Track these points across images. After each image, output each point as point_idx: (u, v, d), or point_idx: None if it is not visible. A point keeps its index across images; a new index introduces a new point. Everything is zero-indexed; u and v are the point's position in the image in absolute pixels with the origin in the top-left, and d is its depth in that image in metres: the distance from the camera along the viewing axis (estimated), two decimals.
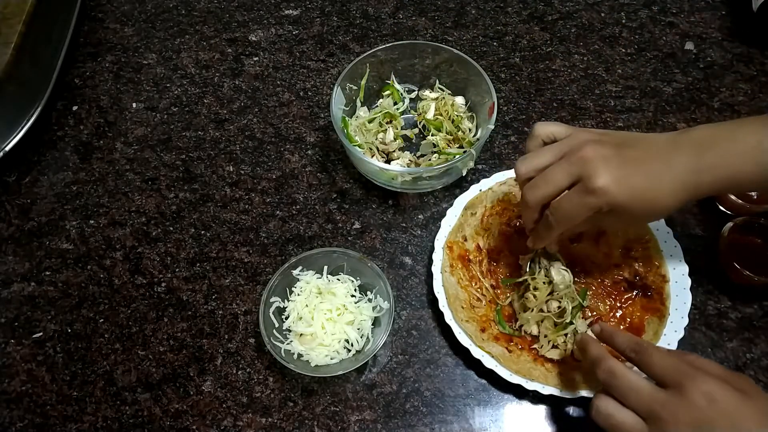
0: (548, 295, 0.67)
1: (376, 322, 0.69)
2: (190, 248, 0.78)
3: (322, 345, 0.67)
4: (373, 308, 0.69)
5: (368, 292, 0.70)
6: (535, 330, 0.68)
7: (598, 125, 0.84)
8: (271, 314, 0.67)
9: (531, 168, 0.60)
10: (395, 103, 0.84)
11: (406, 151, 0.82)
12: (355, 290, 0.70)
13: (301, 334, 0.67)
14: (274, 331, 0.67)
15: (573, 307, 0.67)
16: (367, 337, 0.67)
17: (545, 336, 0.67)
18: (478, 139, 0.77)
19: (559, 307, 0.67)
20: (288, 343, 0.67)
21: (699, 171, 0.57)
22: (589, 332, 0.62)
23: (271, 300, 0.68)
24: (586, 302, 0.69)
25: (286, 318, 0.68)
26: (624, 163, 0.57)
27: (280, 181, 0.82)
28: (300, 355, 0.67)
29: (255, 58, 0.93)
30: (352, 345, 0.67)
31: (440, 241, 0.73)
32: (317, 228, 0.78)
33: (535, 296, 0.67)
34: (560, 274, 0.68)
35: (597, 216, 0.58)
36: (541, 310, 0.68)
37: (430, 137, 0.81)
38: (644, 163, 0.57)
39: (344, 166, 0.83)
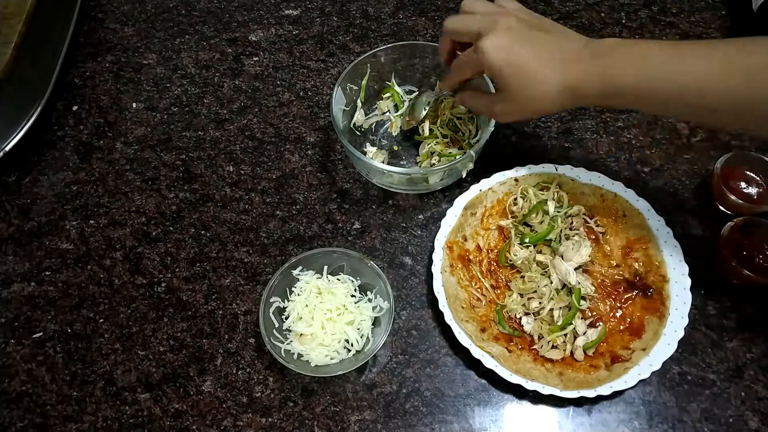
0: (533, 292, 0.70)
1: (376, 322, 0.69)
2: (190, 248, 0.78)
3: (322, 345, 0.67)
4: (373, 308, 0.69)
5: (368, 292, 0.70)
6: (519, 313, 0.69)
7: (598, 125, 0.84)
8: (271, 314, 0.67)
9: (458, 18, 0.67)
10: (395, 105, 0.84)
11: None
12: (355, 290, 0.70)
13: (301, 334, 0.67)
14: (274, 331, 0.67)
15: (563, 308, 0.68)
16: (367, 337, 0.67)
17: (542, 337, 0.68)
18: (478, 141, 0.77)
19: (551, 310, 0.68)
20: (288, 343, 0.67)
21: (588, 73, 0.60)
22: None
23: (271, 300, 0.68)
24: (585, 304, 0.69)
25: (286, 318, 0.68)
26: (521, 37, 0.61)
27: (280, 181, 0.82)
28: (300, 355, 0.67)
29: (255, 58, 0.93)
30: (352, 345, 0.67)
31: (440, 241, 0.73)
32: (317, 228, 0.78)
33: (523, 279, 0.70)
34: (553, 276, 0.69)
35: (491, 95, 0.65)
36: (538, 313, 0.69)
37: (428, 147, 0.80)
38: (541, 45, 0.61)
39: (344, 166, 0.83)
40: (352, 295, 0.70)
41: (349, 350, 0.68)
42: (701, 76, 0.56)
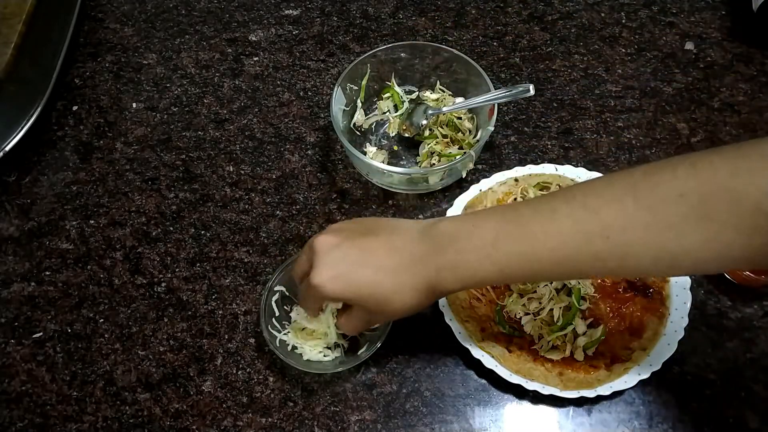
0: (533, 292, 0.69)
1: None
2: (190, 248, 0.78)
3: (319, 340, 0.67)
4: None
5: None
6: (519, 313, 0.69)
7: (598, 125, 0.84)
8: (273, 303, 0.68)
9: (295, 260, 0.64)
10: (395, 105, 0.84)
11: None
12: None
13: (303, 328, 0.67)
14: (273, 320, 0.68)
15: (563, 308, 0.68)
16: (367, 337, 0.68)
17: (542, 337, 0.68)
18: (477, 141, 0.77)
19: (551, 310, 0.68)
20: (284, 334, 0.67)
21: (439, 269, 0.55)
22: None
23: (276, 288, 0.69)
24: (585, 304, 0.69)
25: (290, 311, 0.69)
26: (350, 254, 0.56)
27: (280, 181, 0.82)
28: (294, 347, 0.67)
29: (255, 58, 0.93)
30: (350, 344, 0.68)
31: None
32: (317, 228, 0.78)
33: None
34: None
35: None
36: (538, 313, 0.69)
37: (428, 147, 0.80)
38: (376, 256, 0.56)
39: (344, 166, 0.83)
40: None
41: (348, 349, 0.68)
42: (561, 251, 0.51)
